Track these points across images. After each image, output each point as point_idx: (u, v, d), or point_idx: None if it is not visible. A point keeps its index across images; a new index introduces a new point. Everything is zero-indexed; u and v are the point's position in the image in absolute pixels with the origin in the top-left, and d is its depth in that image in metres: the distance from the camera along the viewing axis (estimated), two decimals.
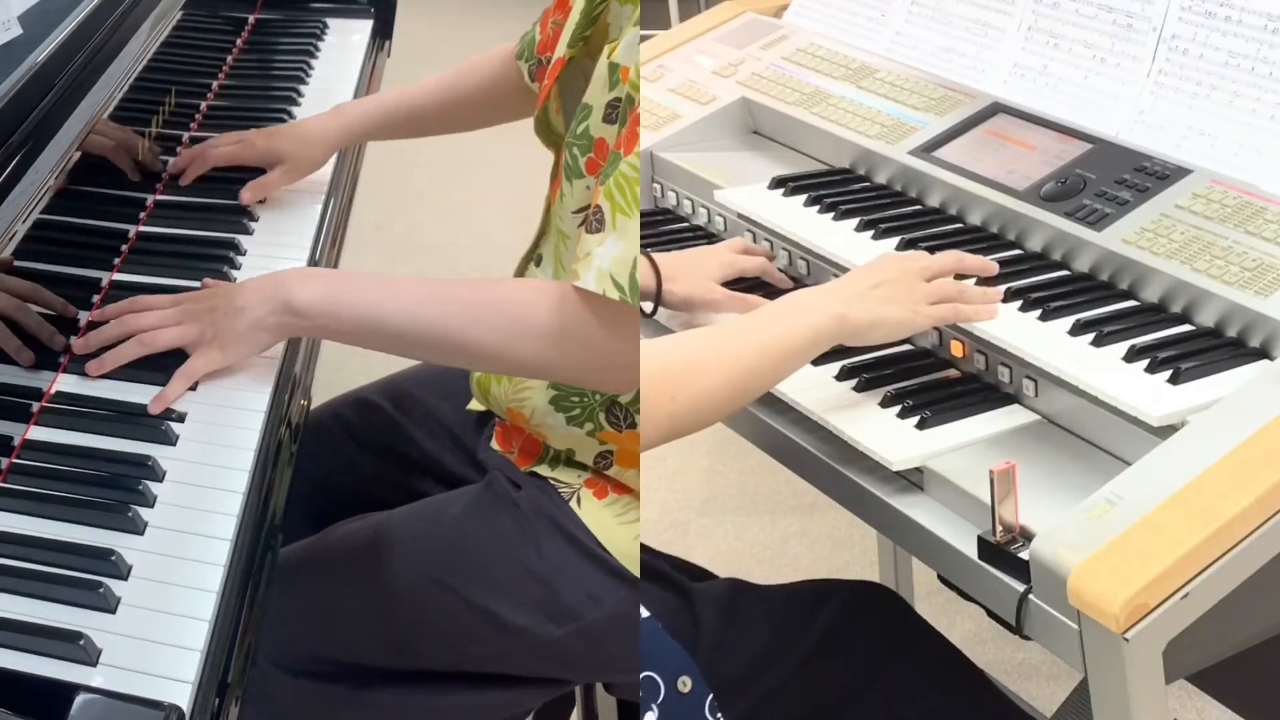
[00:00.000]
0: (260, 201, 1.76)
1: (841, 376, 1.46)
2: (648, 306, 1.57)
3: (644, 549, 1.47)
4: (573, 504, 1.47)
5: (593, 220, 1.29)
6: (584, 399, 1.45)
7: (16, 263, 1.35)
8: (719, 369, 1.30)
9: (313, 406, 1.59)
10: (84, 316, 1.50)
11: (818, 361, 1.49)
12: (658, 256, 1.57)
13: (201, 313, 1.42)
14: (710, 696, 1.37)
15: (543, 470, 1.50)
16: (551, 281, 1.35)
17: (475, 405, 1.65)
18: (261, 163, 1.77)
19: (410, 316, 1.36)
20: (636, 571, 1.44)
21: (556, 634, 1.45)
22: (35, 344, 1.41)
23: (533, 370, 1.38)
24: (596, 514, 1.46)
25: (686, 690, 1.37)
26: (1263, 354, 1.35)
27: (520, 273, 1.59)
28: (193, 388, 1.42)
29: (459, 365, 1.49)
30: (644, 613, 1.39)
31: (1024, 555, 1.20)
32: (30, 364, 1.37)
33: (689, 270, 1.59)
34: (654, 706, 1.36)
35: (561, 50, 1.48)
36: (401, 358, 1.44)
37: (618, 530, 1.45)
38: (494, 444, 1.57)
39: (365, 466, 1.69)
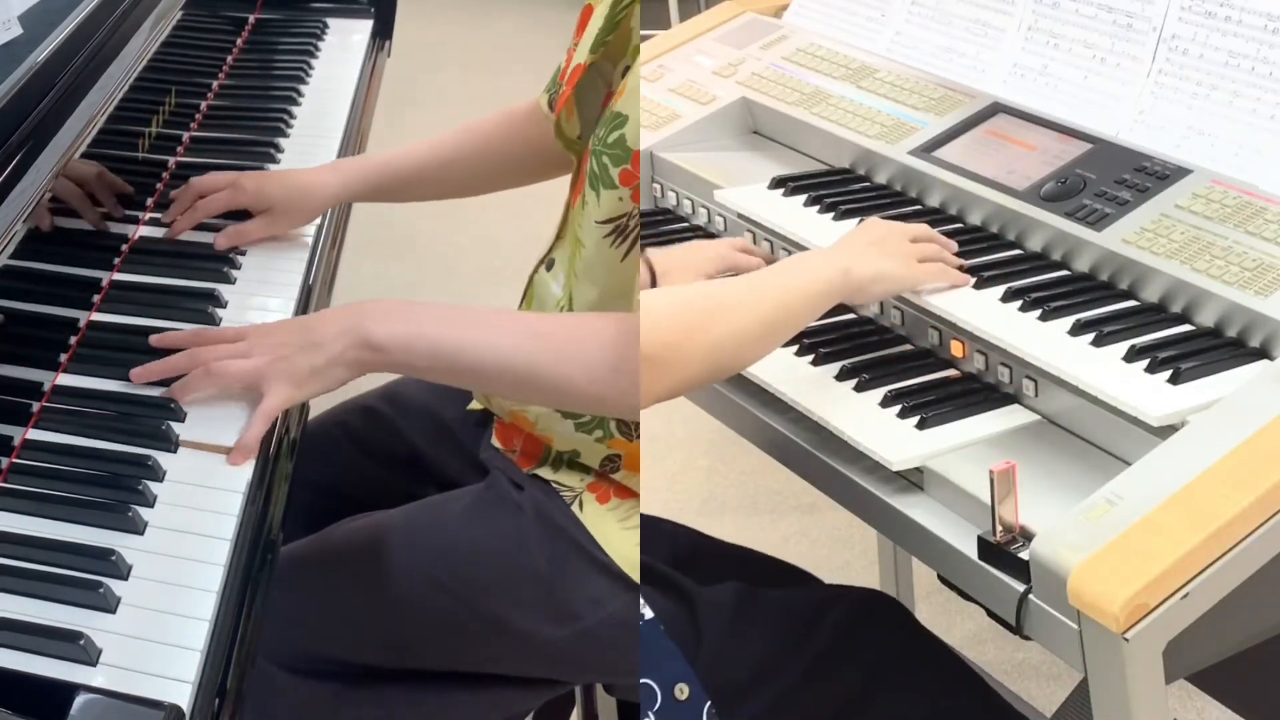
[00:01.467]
0: (238, 251, 1.68)
1: (841, 376, 1.46)
2: None
3: (650, 549, 1.47)
4: (574, 508, 1.46)
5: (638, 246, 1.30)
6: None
7: (17, 263, 1.35)
8: (747, 310, 1.34)
9: (312, 409, 1.58)
10: (83, 317, 1.50)
11: (818, 361, 1.49)
12: (650, 251, 1.57)
13: (274, 346, 1.37)
14: (708, 704, 1.36)
15: (545, 473, 1.50)
16: (615, 315, 1.32)
17: (476, 405, 1.65)
18: (251, 207, 1.69)
19: (494, 352, 1.33)
20: (637, 576, 1.44)
21: (557, 636, 1.45)
22: (38, 335, 1.41)
23: (599, 406, 1.36)
24: (598, 518, 1.46)
25: (684, 697, 1.36)
26: (1263, 354, 1.35)
27: (532, 277, 1.58)
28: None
29: (536, 402, 1.45)
30: (648, 613, 1.39)
31: (1024, 555, 1.20)
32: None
33: (681, 266, 1.59)
34: (651, 714, 1.35)
35: (582, 56, 1.45)
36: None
37: (619, 535, 1.45)
38: (494, 441, 1.56)
39: (367, 472, 1.69)
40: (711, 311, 1.32)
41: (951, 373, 1.48)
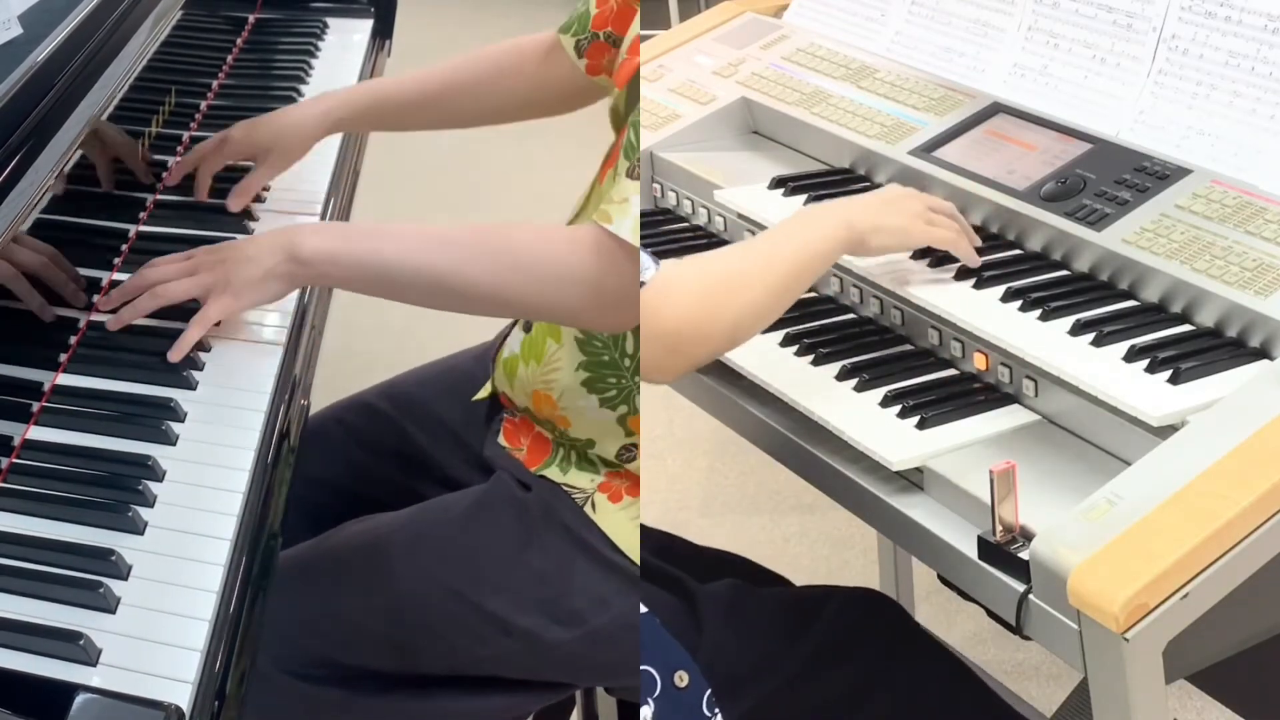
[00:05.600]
0: (258, 200, 1.75)
1: (841, 376, 1.46)
2: None
3: (650, 549, 1.47)
4: (587, 509, 1.46)
5: (637, 165, 1.32)
6: (620, 379, 1.45)
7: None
8: (764, 277, 1.38)
9: (313, 408, 1.59)
10: (83, 317, 1.50)
11: (818, 361, 1.49)
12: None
13: (214, 264, 1.45)
14: (708, 692, 1.37)
15: (553, 474, 1.49)
16: (577, 227, 1.35)
17: (484, 393, 1.63)
18: (244, 158, 1.75)
19: (417, 261, 1.37)
20: (639, 572, 1.44)
21: (562, 637, 1.44)
22: (38, 335, 1.41)
23: (542, 311, 1.40)
24: (612, 518, 1.45)
25: (683, 685, 1.37)
26: (1263, 354, 1.35)
27: None
28: (193, 386, 1.42)
29: (465, 309, 1.47)
30: (641, 608, 1.39)
31: (1024, 555, 1.20)
32: (52, 319, 1.43)
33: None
34: (650, 700, 1.36)
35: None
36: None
37: (635, 535, 1.44)
38: (501, 440, 1.56)
39: (368, 470, 1.69)
40: (731, 287, 1.36)
41: (951, 372, 1.48)
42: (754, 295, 1.36)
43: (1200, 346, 1.36)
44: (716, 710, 1.37)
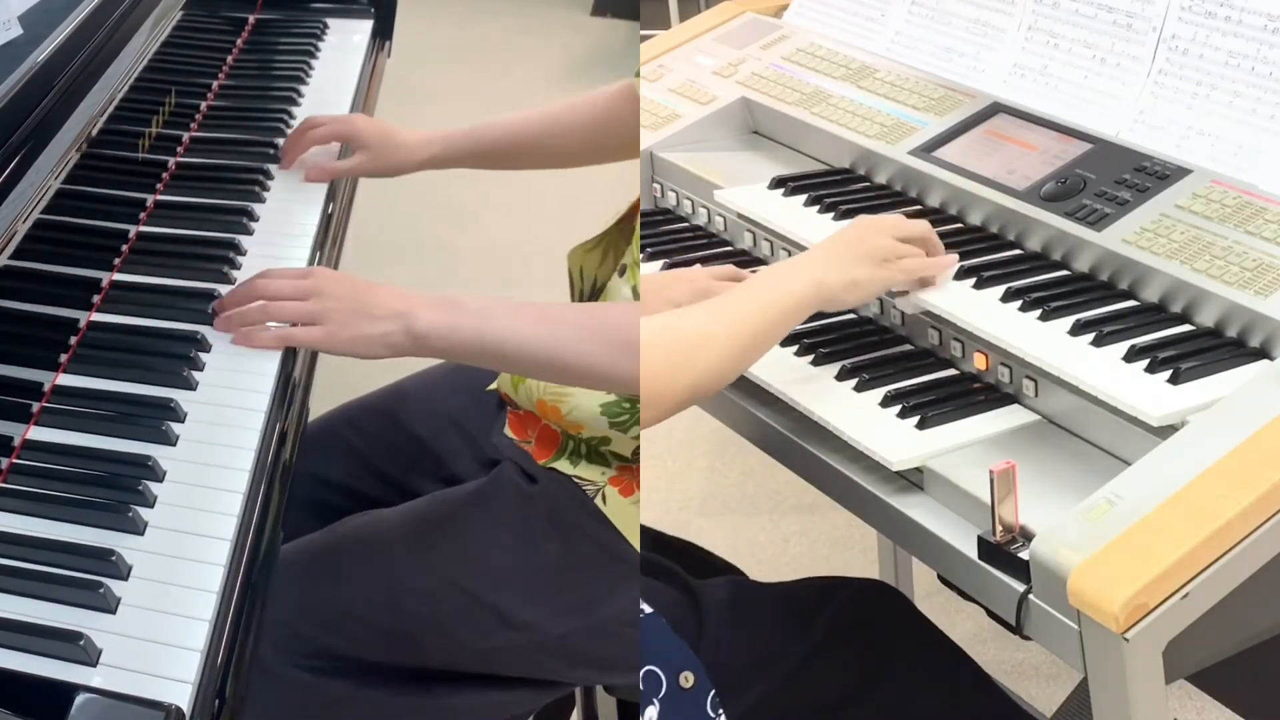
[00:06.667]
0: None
1: (841, 376, 1.46)
2: None
3: (650, 546, 1.48)
4: (597, 501, 1.46)
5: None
6: (635, 408, 1.45)
7: (17, 263, 1.35)
8: (726, 337, 1.36)
9: (312, 410, 1.59)
10: (83, 317, 1.50)
11: (818, 361, 1.49)
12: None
13: (332, 296, 1.41)
14: (713, 692, 1.37)
15: (564, 467, 1.49)
16: (634, 304, 1.36)
17: (494, 385, 1.63)
18: (350, 140, 1.83)
19: (525, 344, 1.35)
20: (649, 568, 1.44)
21: (562, 629, 1.45)
22: (38, 335, 1.41)
23: (623, 387, 1.39)
24: (624, 511, 1.46)
25: (689, 685, 1.37)
26: (1263, 354, 1.35)
27: (574, 264, 1.58)
28: (193, 386, 1.42)
29: (565, 384, 1.49)
30: (646, 608, 1.40)
31: (1024, 555, 1.20)
32: None
33: (649, 296, 1.58)
34: (655, 701, 1.36)
35: None
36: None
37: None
38: (508, 431, 1.56)
39: (374, 470, 1.69)
40: (693, 348, 1.34)
41: (951, 372, 1.48)
42: (714, 357, 1.35)
43: (1200, 346, 1.36)
44: (720, 711, 1.37)
